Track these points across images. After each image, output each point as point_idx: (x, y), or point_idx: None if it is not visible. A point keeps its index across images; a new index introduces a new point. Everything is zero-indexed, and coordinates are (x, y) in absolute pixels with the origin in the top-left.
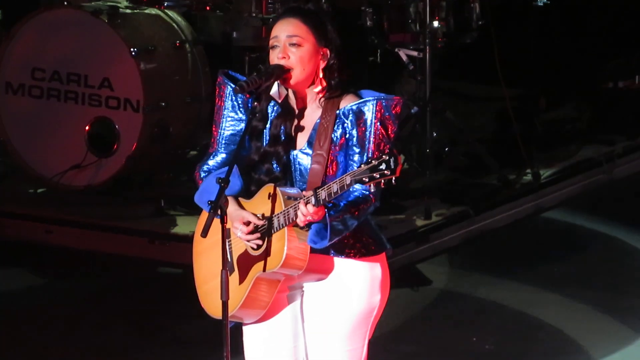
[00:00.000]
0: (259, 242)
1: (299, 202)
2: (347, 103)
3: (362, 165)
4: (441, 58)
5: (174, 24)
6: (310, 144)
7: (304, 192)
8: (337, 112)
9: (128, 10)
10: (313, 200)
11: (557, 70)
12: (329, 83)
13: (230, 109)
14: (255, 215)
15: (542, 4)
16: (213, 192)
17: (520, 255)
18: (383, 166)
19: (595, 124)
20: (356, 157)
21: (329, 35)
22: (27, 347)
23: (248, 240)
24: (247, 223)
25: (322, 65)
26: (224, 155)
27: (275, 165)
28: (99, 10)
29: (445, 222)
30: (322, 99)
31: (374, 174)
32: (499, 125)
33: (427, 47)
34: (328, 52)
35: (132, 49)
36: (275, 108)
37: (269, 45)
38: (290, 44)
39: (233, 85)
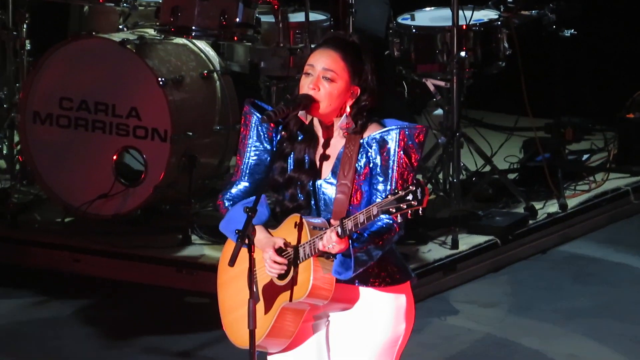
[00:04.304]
0: (282, 270)
1: (325, 232)
2: (371, 132)
3: (389, 196)
4: (468, 88)
5: (201, 54)
6: (334, 173)
7: (331, 221)
8: (361, 141)
9: (156, 40)
10: (339, 230)
11: (583, 101)
12: (355, 122)
13: (255, 138)
14: (285, 242)
15: (568, 35)
16: (240, 221)
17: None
18: (410, 196)
19: (622, 154)
20: (380, 186)
21: (363, 76)
22: None
23: (273, 266)
24: (279, 250)
25: (350, 102)
26: (246, 184)
27: (299, 192)
28: (127, 40)
29: (472, 251)
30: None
31: (401, 205)
32: (526, 155)
33: (455, 77)
34: (359, 91)
35: (159, 79)
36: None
37: (304, 70)
38: (324, 77)
39: (259, 115)
